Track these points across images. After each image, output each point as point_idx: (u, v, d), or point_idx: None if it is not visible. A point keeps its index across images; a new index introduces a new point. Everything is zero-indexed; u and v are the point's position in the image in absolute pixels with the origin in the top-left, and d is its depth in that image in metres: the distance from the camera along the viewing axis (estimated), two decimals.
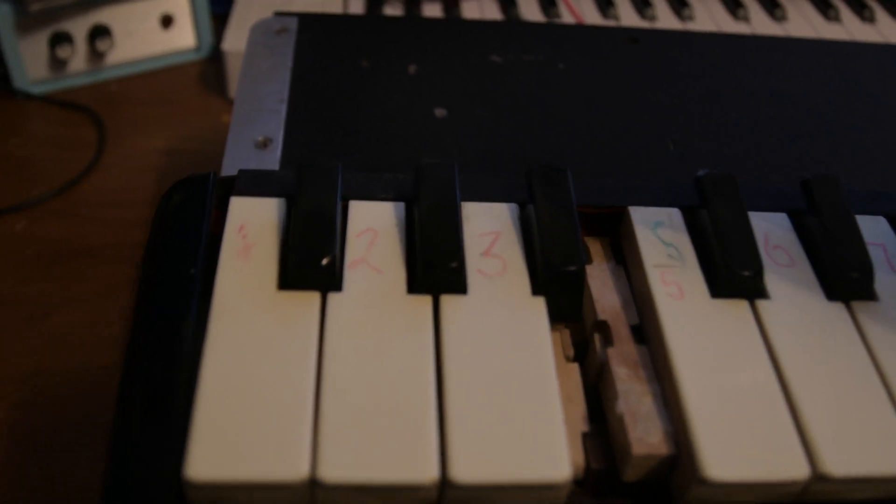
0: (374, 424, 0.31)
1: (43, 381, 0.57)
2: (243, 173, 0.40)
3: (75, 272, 0.66)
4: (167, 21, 0.86)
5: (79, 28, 0.82)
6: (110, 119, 0.81)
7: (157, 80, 0.87)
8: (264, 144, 0.48)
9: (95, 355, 0.59)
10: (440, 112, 0.52)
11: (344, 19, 0.63)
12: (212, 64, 0.89)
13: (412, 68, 0.56)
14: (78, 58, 0.84)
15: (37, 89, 0.83)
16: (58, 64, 0.83)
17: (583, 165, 0.48)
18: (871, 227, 0.41)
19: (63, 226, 0.70)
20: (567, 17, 0.88)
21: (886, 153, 0.51)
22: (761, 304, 0.37)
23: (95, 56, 0.84)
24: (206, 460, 0.30)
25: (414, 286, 0.36)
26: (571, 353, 0.37)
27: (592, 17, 0.90)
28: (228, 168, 0.46)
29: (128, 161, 0.77)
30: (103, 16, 0.83)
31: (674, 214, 0.41)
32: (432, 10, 0.87)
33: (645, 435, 0.33)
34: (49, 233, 0.69)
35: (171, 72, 0.88)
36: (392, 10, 0.87)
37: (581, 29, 0.66)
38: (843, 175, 0.43)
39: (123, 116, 0.82)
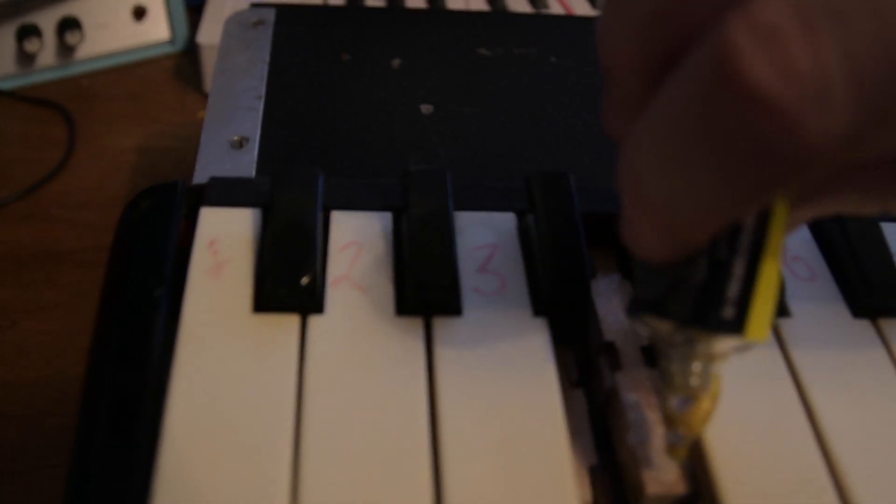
0: (361, 463, 0.28)
1: (9, 393, 0.55)
2: (215, 181, 0.37)
3: (44, 277, 0.63)
4: (140, 13, 0.83)
5: (47, 21, 0.79)
6: (81, 116, 0.78)
7: (129, 74, 0.84)
8: (240, 144, 0.45)
9: (65, 366, 0.57)
10: (426, 108, 0.49)
11: (324, 10, 0.60)
12: (187, 57, 0.86)
13: (396, 62, 0.53)
14: (47, 52, 0.81)
15: (3, 85, 0.80)
16: (25, 58, 0.80)
17: (577, 165, 0.45)
18: None
19: (31, 228, 0.67)
20: (555, 8, 0.86)
21: None
22: (782, 323, 0.34)
23: (65, 50, 0.81)
24: None
25: (403, 307, 0.33)
26: (575, 377, 0.34)
27: (581, 7, 0.88)
28: (201, 170, 0.43)
29: (99, 160, 0.74)
30: (73, 7, 0.80)
31: None
32: (416, 1, 0.85)
33: (660, 472, 0.30)
34: (16, 236, 0.66)
35: (144, 66, 0.85)
36: (375, 1, 0.84)
37: (572, 20, 0.64)
38: None
39: (95, 113, 0.79)
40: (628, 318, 0.28)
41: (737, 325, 0.24)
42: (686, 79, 0.21)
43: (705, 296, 0.25)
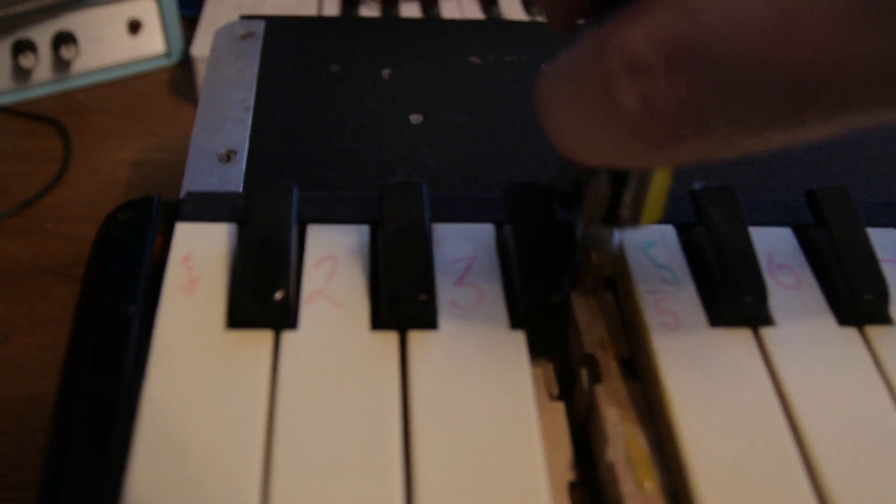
0: (333, 480, 0.28)
1: (3, 409, 0.54)
2: (191, 196, 0.37)
3: (39, 292, 0.63)
4: (135, 26, 0.83)
5: (42, 35, 0.79)
6: (76, 130, 0.78)
7: (125, 88, 0.84)
8: (227, 157, 0.45)
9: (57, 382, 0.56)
10: (416, 118, 0.49)
11: (313, 21, 0.60)
12: (182, 70, 0.86)
13: (386, 72, 0.53)
14: (42, 66, 0.81)
15: None
16: (21, 73, 0.80)
17: None
18: (884, 241, 0.37)
19: (26, 243, 0.67)
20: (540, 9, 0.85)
21: None
22: (766, 333, 0.34)
23: (60, 64, 0.81)
24: None
25: (378, 321, 0.33)
26: (556, 390, 0.33)
27: None
28: (188, 184, 0.43)
29: (95, 174, 0.74)
30: (68, 22, 0.80)
31: (668, 233, 0.37)
32: (410, 10, 0.84)
33: (639, 488, 0.29)
34: (11, 250, 0.66)
35: (139, 79, 0.85)
36: (368, 12, 0.84)
37: None
38: (853, 184, 0.39)
39: (90, 127, 0.79)
40: (548, 197, 0.36)
41: (633, 221, 0.31)
42: (578, 60, 0.25)
43: (607, 202, 0.31)
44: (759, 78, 0.22)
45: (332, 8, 0.84)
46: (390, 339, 0.32)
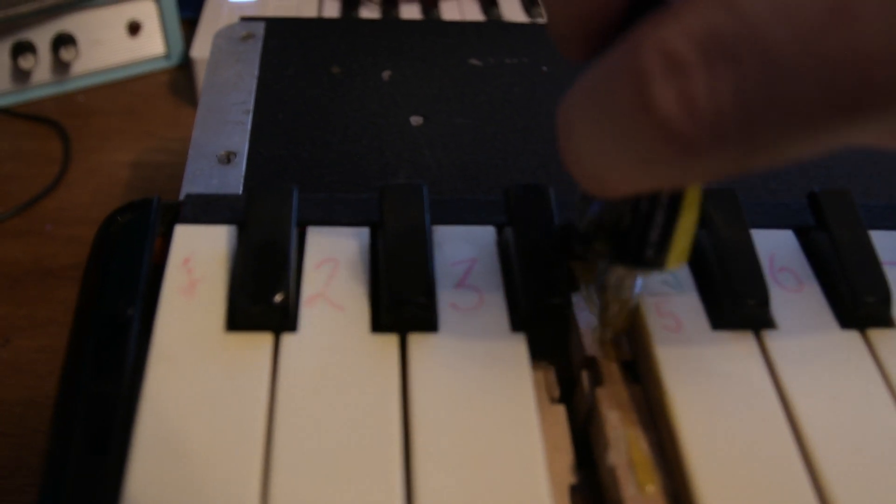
0: (333, 483, 0.28)
1: (3, 411, 0.54)
2: (190, 198, 0.36)
3: (39, 294, 0.63)
4: (134, 28, 0.83)
5: (42, 37, 0.79)
6: (76, 132, 0.78)
7: (125, 89, 0.84)
8: (227, 159, 0.45)
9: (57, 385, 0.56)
10: (416, 120, 0.49)
11: (314, 23, 0.60)
12: (182, 72, 0.86)
13: (386, 74, 0.53)
14: (42, 68, 0.80)
15: None
16: (21, 75, 0.80)
17: (569, 177, 0.44)
18: (886, 244, 0.37)
19: (26, 245, 0.67)
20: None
21: None
22: (768, 336, 0.33)
23: (60, 66, 0.81)
24: None
25: (379, 324, 0.33)
26: (557, 393, 0.33)
27: None
28: (188, 186, 0.43)
29: (94, 175, 0.74)
30: (67, 24, 0.80)
31: None
32: (410, 12, 0.84)
33: (640, 491, 0.29)
34: (11, 252, 0.66)
35: (139, 81, 0.85)
36: (369, 13, 0.84)
37: None
38: (854, 187, 0.39)
39: (90, 129, 0.79)
40: (568, 237, 0.33)
41: (658, 263, 0.29)
42: (607, 74, 0.23)
43: (627, 240, 0.29)
44: (808, 68, 0.20)
45: (332, 9, 0.84)
46: (390, 341, 0.32)
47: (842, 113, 0.21)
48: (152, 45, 0.85)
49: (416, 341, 0.32)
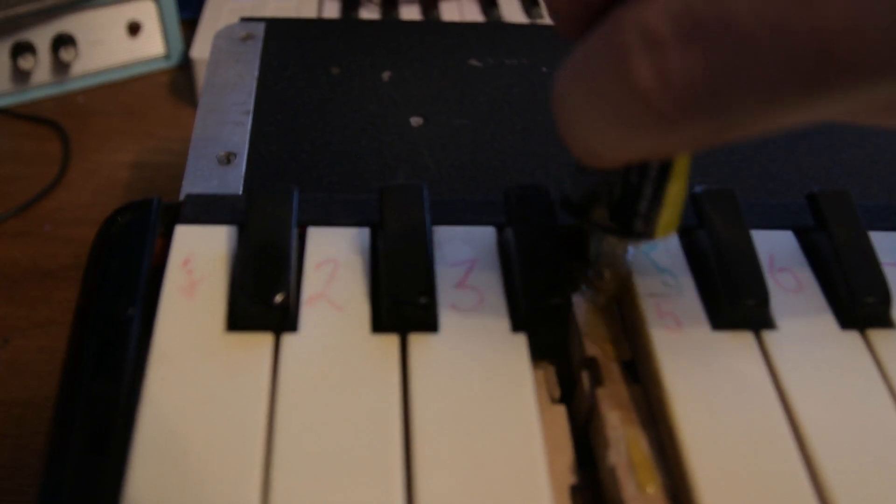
0: (333, 484, 0.28)
1: (2, 412, 0.54)
2: (191, 198, 0.36)
3: (38, 295, 0.63)
4: (134, 28, 0.83)
5: (42, 37, 0.79)
6: (76, 132, 0.78)
7: (124, 90, 0.84)
8: (227, 160, 0.45)
9: (57, 386, 0.56)
10: (416, 121, 0.49)
11: (314, 24, 0.60)
12: (182, 72, 0.86)
13: (386, 75, 0.53)
14: (41, 68, 0.80)
15: None
16: (20, 75, 0.80)
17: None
18: (886, 244, 0.37)
19: (25, 245, 0.67)
20: (550, 18, 0.85)
21: None
22: (767, 336, 0.33)
23: (60, 66, 0.81)
24: None
25: (379, 324, 0.33)
26: (557, 393, 0.33)
27: None
28: (188, 186, 0.43)
29: (94, 176, 0.74)
30: (67, 24, 0.79)
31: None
32: (410, 13, 0.84)
33: (640, 491, 0.29)
34: (10, 253, 0.66)
35: (139, 81, 0.85)
36: (368, 14, 0.84)
37: None
38: (852, 187, 0.39)
39: (89, 129, 0.79)
40: (560, 207, 0.33)
41: (646, 233, 0.30)
42: (592, 49, 0.25)
43: (618, 210, 0.30)
44: (773, 45, 0.21)
45: (331, 10, 0.84)
46: (391, 341, 0.32)
47: (806, 88, 0.22)
48: (152, 45, 0.85)
49: (417, 342, 0.32)
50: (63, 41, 0.79)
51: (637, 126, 0.24)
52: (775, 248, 0.37)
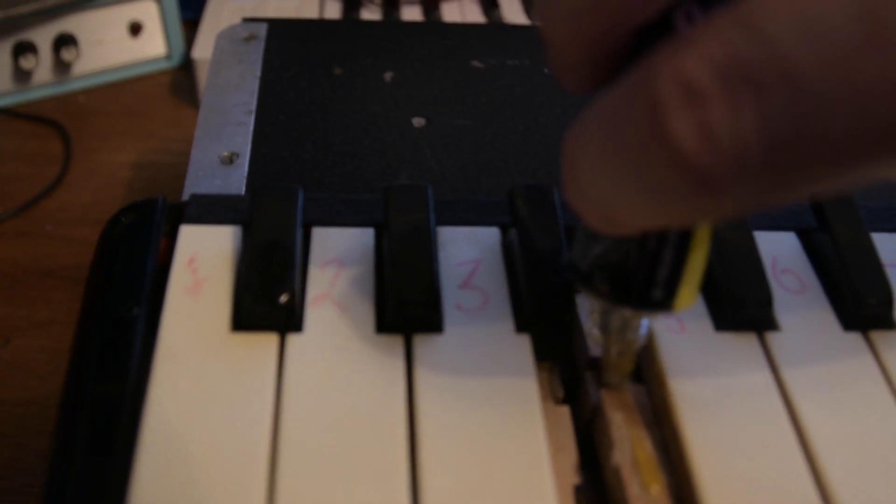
0: (339, 484, 0.28)
1: (3, 412, 0.54)
2: (195, 198, 0.36)
3: (39, 295, 0.63)
4: (136, 29, 0.82)
5: (43, 37, 0.79)
6: (77, 132, 0.78)
7: (126, 90, 0.84)
8: (230, 160, 0.45)
9: (59, 384, 0.56)
10: (418, 122, 0.49)
11: (316, 24, 0.60)
12: (183, 72, 0.86)
13: (388, 75, 0.53)
14: (43, 68, 0.80)
15: (0, 102, 0.79)
16: (22, 75, 0.80)
17: None
18: (889, 246, 0.37)
19: (26, 245, 0.67)
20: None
21: None
22: (771, 337, 0.34)
23: (61, 66, 0.81)
24: None
25: (383, 325, 0.33)
26: (561, 394, 0.33)
27: None
28: (190, 186, 0.43)
29: (95, 176, 0.74)
30: (69, 24, 0.79)
31: None
32: (411, 14, 0.84)
33: (644, 491, 0.29)
34: (11, 253, 0.66)
35: (140, 81, 0.85)
36: (370, 14, 0.84)
37: None
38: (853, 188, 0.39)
39: (91, 129, 0.78)
40: (568, 276, 0.30)
41: (665, 304, 0.27)
42: (618, 104, 0.22)
43: (634, 279, 0.27)
44: (840, 97, 0.19)
45: (333, 11, 0.84)
46: (395, 342, 0.32)
47: (878, 146, 0.19)
48: (153, 45, 0.85)
49: (421, 342, 0.32)
50: (64, 41, 0.79)
51: (672, 191, 0.21)
52: (778, 249, 0.37)
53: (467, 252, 0.36)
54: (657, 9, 0.23)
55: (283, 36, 0.56)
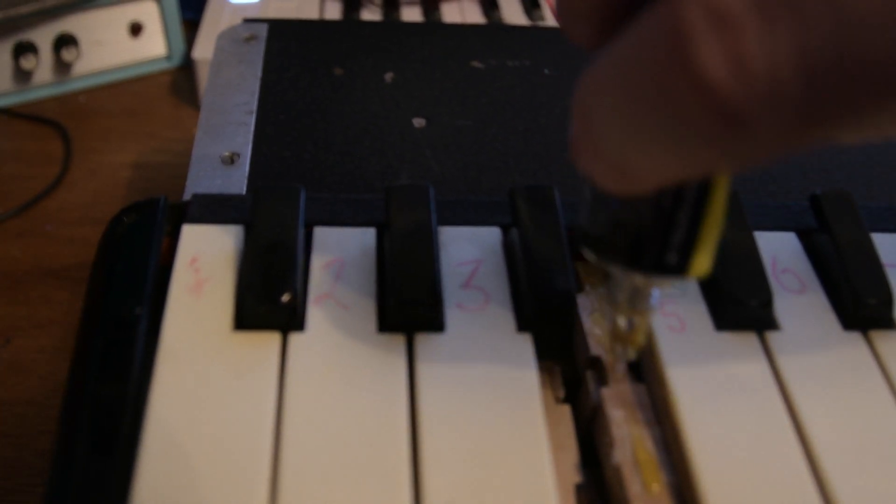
0: (341, 482, 0.28)
1: (4, 411, 0.54)
2: (197, 198, 0.37)
3: (39, 294, 0.63)
4: (136, 29, 0.82)
5: (44, 38, 0.79)
6: (77, 132, 0.78)
7: (126, 90, 0.84)
8: (231, 160, 0.45)
9: (60, 383, 0.56)
10: (419, 122, 0.49)
11: (316, 25, 0.60)
12: (183, 73, 0.86)
13: (389, 76, 0.53)
14: (43, 69, 0.80)
15: (0, 102, 0.79)
16: (22, 75, 0.80)
17: (571, 177, 0.45)
18: (888, 246, 0.38)
19: (27, 245, 0.67)
20: (551, 20, 0.85)
21: None
22: (771, 337, 0.34)
23: (61, 66, 0.81)
24: None
25: (385, 324, 0.33)
26: (562, 393, 0.34)
27: None
28: (192, 186, 0.43)
29: (95, 176, 0.74)
30: (69, 24, 0.79)
31: None
32: (412, 14, 0.84)
33: (645, 489, 0.29)
34: (11, 253, 0.66)
35: (140, 82, 0.85)
36: (370, 15, 0.84)
37: None
38: (854, 189, 0.39)
39: (91, 129, 0.78)
40: (576, 242, 0.28)
41: (680, 269, 0.25)
42: (639, 40, 0.20)
43: (648, 242, 0.25)
44: (890, 22, 0.17)
45: (333, 11, 0.84)
46: (397, 341, 0.32)
47: None
48: (154, 45, 0.85)
49: (423, 341, 0.32)
50: (65, 41, 0.79)
51: (698, 131, 0.19)
52: (778, 249, 0.37)
53: (468, 252, 0.36)
54: None
55: (284, 36, 0.56)
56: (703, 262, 0.26)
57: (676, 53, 0.19)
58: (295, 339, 0.32)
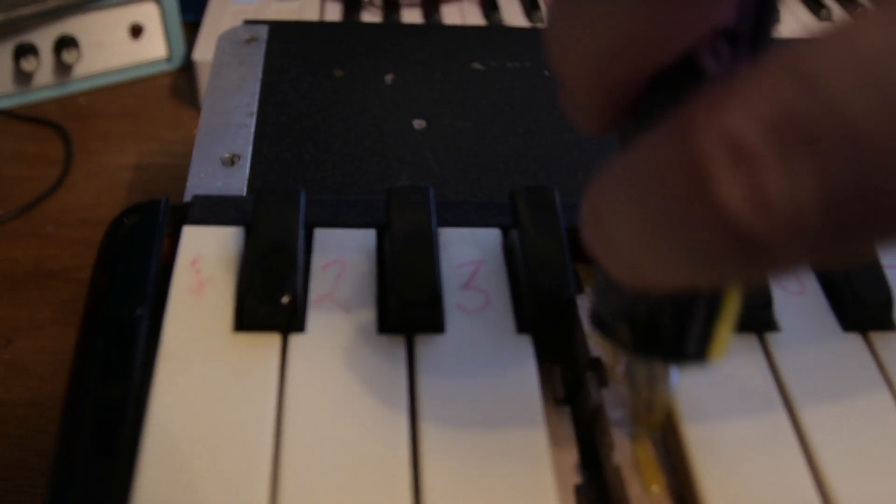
0: (341, 483, 0.28)
1: (4, 412, 0.54)
2: (198, 199, 0.37)
3: (40, 296, 0.63)
4: (137, 31, 0.82)
5: (44, 39, 0.79)
6: (78, 134, 0.78)
7: (126, 92, 0.84)
8: (231, 161, 0.45)
9: (60, 385, 0.56)
10: (419, 124, 0.49)
11: (317, 26, 0.60)
12: (184, 74, 0.86)
13: (389, 77, 0.53)
14: (44, 70, 0.80)
15: (0, 104, 0.79)
16: (23, 77, 0.80)
17: (571, 179, 0.45)
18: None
19: (27, 246, 0.67)
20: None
21: None
22: (771, 338, 0.34)
23: (62, 68, 0.81)
24: None
25: (385, 325, 0.33)
26: (562, 394, 0.34)
27: None
28: (192, 188, 0.43)
29: (96, 178, 0.74)
30: (70, 26, 0.79)
31: None
32: (412, 16, 0.84)
33: (645, 491, 0.30)
34: (12, 254, 0.66)
35: (141, 83, 0.85)
36: (370, 17, 0.84)
37: None
38: None
39: (92, 131, 0.78)
40: (591, 326, 0.28)
41: (699, 357, 0.25)
42: (654, 162, 0.20)
43: (665, 332, 0.25)
44: None
45: (333, 12, 0.84)
46: (397, 342, 0.32)
47: None
48: (154, 47, 0.85)
49: (423, 342, 0.32)
50: (65, 43, 0.79)
51: (716, 255, 0.19)
52: None
53: (469, 253, 0.36)
54: (681, 49, 0.22)
55: (284, 38, 0.56)
56: (721, 346, 0.25)
57: (694, 184, 0.19)
58: (295, 340, 0.32)
